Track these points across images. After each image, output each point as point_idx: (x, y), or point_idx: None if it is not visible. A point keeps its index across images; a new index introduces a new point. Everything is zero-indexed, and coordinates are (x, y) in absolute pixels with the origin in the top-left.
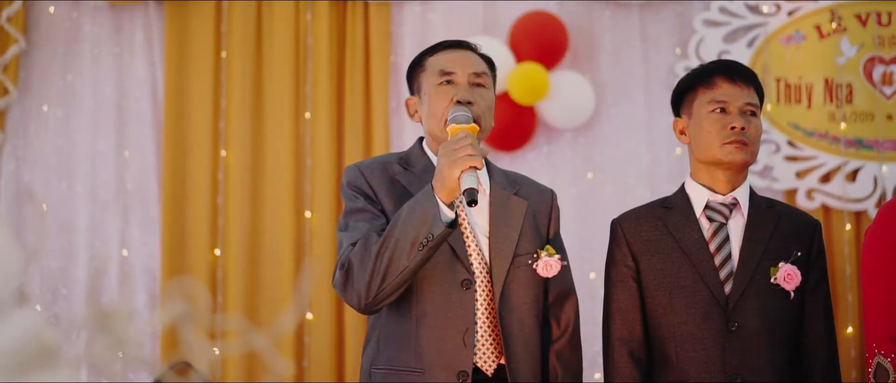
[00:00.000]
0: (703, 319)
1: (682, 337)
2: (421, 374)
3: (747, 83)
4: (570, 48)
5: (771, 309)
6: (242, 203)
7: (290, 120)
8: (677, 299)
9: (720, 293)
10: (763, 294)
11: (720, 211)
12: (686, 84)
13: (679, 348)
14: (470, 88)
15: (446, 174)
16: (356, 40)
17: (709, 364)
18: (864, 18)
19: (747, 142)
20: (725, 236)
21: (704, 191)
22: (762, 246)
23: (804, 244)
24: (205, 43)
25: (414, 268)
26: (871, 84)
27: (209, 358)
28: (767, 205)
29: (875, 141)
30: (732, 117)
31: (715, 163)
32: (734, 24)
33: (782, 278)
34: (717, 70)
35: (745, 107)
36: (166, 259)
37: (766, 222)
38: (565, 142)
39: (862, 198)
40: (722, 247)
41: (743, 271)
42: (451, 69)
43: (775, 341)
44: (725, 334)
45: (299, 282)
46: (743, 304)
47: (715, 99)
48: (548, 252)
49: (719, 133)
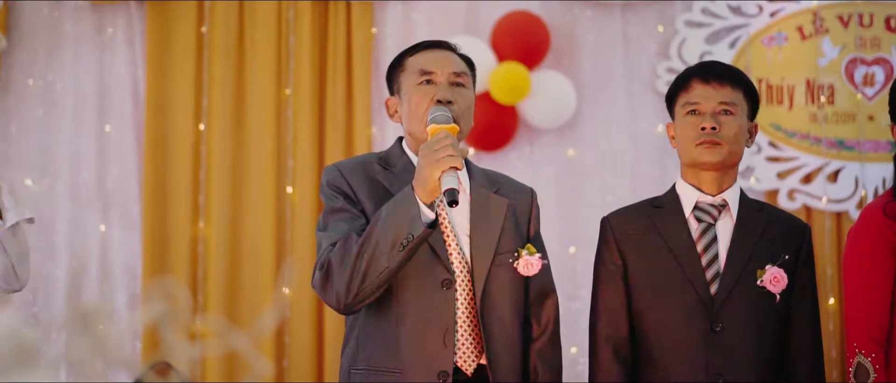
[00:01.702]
0: (688, 319)
1: (667, 336)
2: (401, 374)
3: (722, 82)
4: (552, 48)
5: (756, 311)
6: (224, 203)
7: (271, 119)
8: (663, 298)
9: (706, 294)
10: (749, 296)
11: (709, 211)
12: (671, 90)
13: (663, 347)
14: (450, 88)
15: (427, 175)
16: (338, 40)
17: (692, 364)
18: (845, 20)
19: (719, 142)
20: (713, 237)
21: (694, 191)
22: (750, 248)
23: (793, 247)
24: (186, 42)
25: (394, 269)
26: (852, 85)
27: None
28: (757, 207)
29: (856, 142)
30: (703, 118)
31: (693, 164)
32: (716, 25)
33: (768, 281)
34: (692, 73)
35: (719, 107)
36: (147, 258)
37: (754, 224)
38: (547, 142)
39: (843, 198)
40: (709, 248)
41: (729, 272)
42: (431, 69)
43: (760, 343)
44: (709, 335)
45: (280, 282)
46: (728, 305)
47: (688, 101)
48: (528, 251)
49: (691, 134)
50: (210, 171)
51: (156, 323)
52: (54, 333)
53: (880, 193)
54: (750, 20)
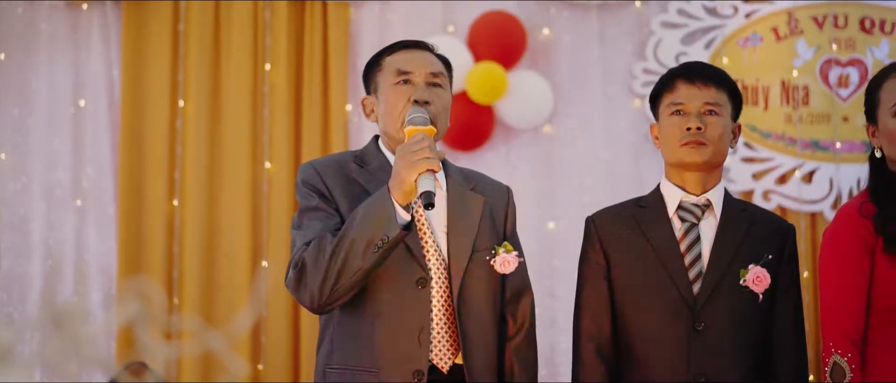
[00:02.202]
0: (670, 319)
1: (649, 335)
2: (376, 374)
3: (708, 83)
4: (529, 48)
5: (738, 310)
6: (199, 202)
7: (247, 119)
8: (645, 298)
9: (688, 293)
10: (731, 295)
11: (692, 211)
12: (655, 90)
13: (645, 347)
14: (427, 88)
15: (403, 176)
16: (314, 40)
17: (673, 363)
18: (820, 21)
19: (705, 142)
20: (696, 236)
21: (678, 191)
22: (733, 247)
23: (776, 247)
24: (162, 42)
25: (368, 269)
26: (827, 86)
27: (165, 357)
28: (741, 207)
29: (831, 143)
30: (688, 118)
31: (678, 164)
32: (692, 25)
33: (751, 280)
34: (677, 73)
35: (704, 107)
36: (122, 258)
37: (738, 224)
38: (523, 142)
39: (818, 199)
40: (692, 248)
41: (712, 272)
42: (409, 69)
43: (741, 342)
44: (691, 334)
45: (256, 282)
46: (710, 305)
47: (673, 101)
48: (505, 248)
49: (677, 134)
50: (185, 171)
51: (131, 323)
52: (29, 333)
53: (855, 194)
54: (725, 21)
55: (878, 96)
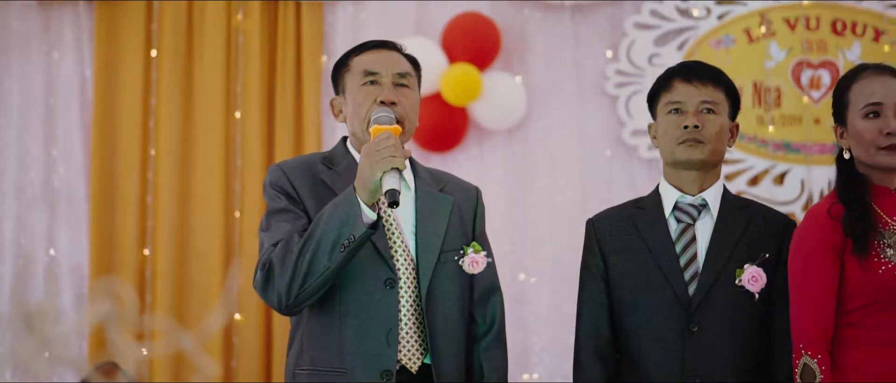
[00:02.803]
0: (665, 319)
1: (645, 336)
2: (345, 374)
3: (704, 82)
4: (502, 49)
5: (734, 310)
6: (172, 203)
7: (220, 119)
8: (642, 299)
9: (684, 294)
10: (727, 295)
11: (688, 211)
12: (652, 91)
13: (641, 348)
14: (394, 89)
15: (368, 175)
16: (288, 40)
17: (668, 364)
18: (792, 23)
19: (702, 139)
20: (692, 237)
21: (674, 191)
22: (729, 247)
23: (775, 245)
24: (135, 41)
25: (335, 269)
26: (799, 88)
27: (136, 358)
28: (740, 205)
29: (803, 144)
30: (686, 116)
31: (676, 163)
32: (665, 27)
33: (747, 280)
34: (674, 72)
35: (701, 105)
36: (94, 258)
37: (736, 223)
38: (497, 143)
39: (789, 201)
40: (688, 248)
41: (708, 272)
42: (376, 69)
43: (737, 343)
44: (686, 334)
45: (228, 282)
46: (705, 305)
47: (671, 100)
48: (474, 248)
49: (674, 133)
50: (158, 170)
51: (102, 323)
52: (0, 332)
53: (825, 196)
54: (698, 22)
55: (846, 98)
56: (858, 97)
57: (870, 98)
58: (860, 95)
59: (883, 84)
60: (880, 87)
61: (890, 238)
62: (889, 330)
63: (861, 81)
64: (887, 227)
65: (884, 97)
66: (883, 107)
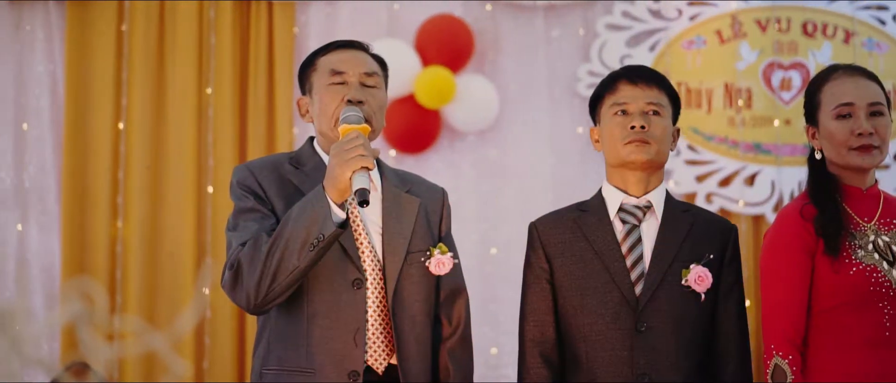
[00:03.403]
0: (613, 320)
1: (593, 337)
2: (312, 374)
3: (650, 84)
4: (475, 51)
5: (681, 310)
6: (143, 202)
7: (192, 118)
8: (588, 300)
9: (631, 294)
10: (673, 295)
11: (633, 213)
12: (596, 93)
13: (589, 349)
14: (361, 88)
15: (337, 174)
16: (260, 40)
17: (617, 364)
18: (763, 24)
19: (649, 140)
20: (638, 238)
21: (618, 193)
22: (675, 248)
23: (718, 247)
24: (106, 41)
25: (304, 269)
26: (769, 89)
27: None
28: (683, 208)
29: (773, 145)
30: (632, 117)
31: (622, 164)
32: (636, 28)
33: (693, 280)
34: (619, 75)
35: (647, 107)
36: (66, 258)
37: (680, 225)
38: (469, 145)
39: (760, 202)
40: (634, 249)
41: (654, 273)
42: (342, 69)
43: (684, 342)
44: (634, 335)
45: (199, 282)
46: (652, 305)
47: (617, 102)
48: (440, 249)
49: (621, 134)
50: (129, 171)
51: (73, 323)
52: None
53: (796, 197)
54: (669, 24)
55: (818, 99)
56: (830, 98)
57: (841, 98)
58: (832, 96)
59: (855, 84)
60: (852, 88)
61: (861, 239)
62: (859, 331)
63: (833, 82)
64: (858, 228)
65: (855, 98)
66: (855, 108)
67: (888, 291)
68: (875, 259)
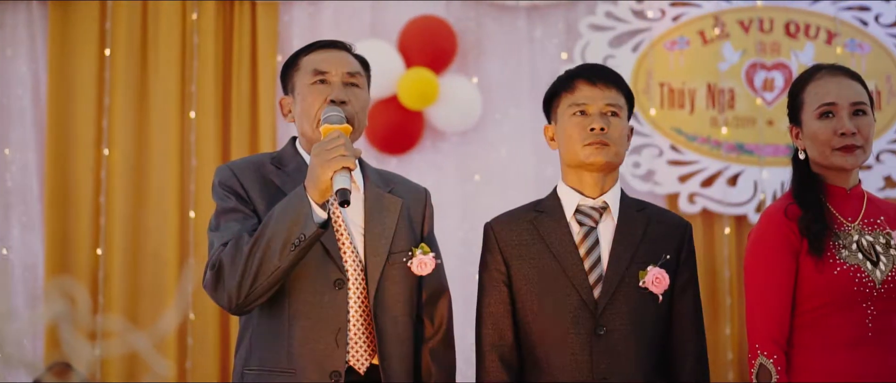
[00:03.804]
0: (572, 323)
1: (552, 340)
2: (293, 375)
3: (608, 85)
4: (459, 52)
5: (639, 312)
6: (126, 202)
7: (175, 119)
8: (547, 303)
9: (589, 297)
10: (631, 297)
11: (590, 214)
12: (552, 91)
13: (548, 351)
14: (344, 88)
15: (319, 174)
16: (243, 40)
17: (577, 367)
18: (746, 25)
19: (608, 142)
20: (595, 240)
21: (575, 194)
22: (632, 249)
23: (674, 246)
24: (89, 40)
25: (286, 269)
26: (752, 90)
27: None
28: (638, 207)
29: (756, 146)
30: (592, 118)
31: (579, 165)
32: (619, 28)
33: (650, 281)
34: (577, 74)
35: (606, 108)
36: (49, 258)
37: (636, 225)
38: (452, 145)
39: (742, 202)
40: (591, 251)
41: (612, 275)
42: (325, 69)
43: (643, 344)
44: (593, 337)
45: (182, 282)
46: (611, 308)
47: (575, 102)
48: (422, 250)
49: (580, 135)
50: (112, 170)
51: (56, 323)
52: None
53: (779, 197)
54: (652, 24)
55: (801, 98)
56: (813, 97)
57: (824, 98)
58: (815, 96)
59: (837, 84)
60: (835, 88)
61: (845, 239)
62: (844, 331)
63: (816, 82)
64: (842, 228)
65: (838, 97)
66: (837, 108)
67: (872, 291)
68: (859, 259)
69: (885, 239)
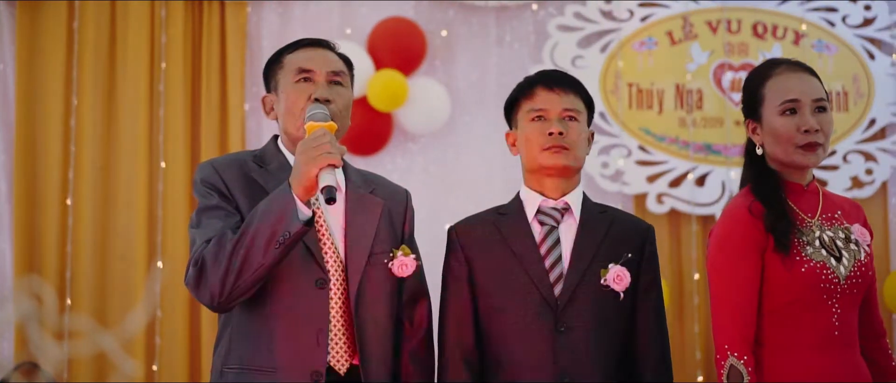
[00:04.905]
0: (534, 321)
1: (514, 338)
2: (273, 374)
3: (566, 90)
4: (428, 54)
5: (600, 310)
6: (93, 202)
7: (143, 118)
8: (509, 302)
9: (550, 295)
10: (593, 295)
11: (551, 215)
12: (511, 98)
13: (511, 350)
14: (328, 87)
15: (304, 171)
16: (212, 39)
17: (538, 364)
18: (714, 25)
19: (567, 146)
20: (556, 239)
21: (537, 196)
22: (593, 249)
23: (636, 247)
24: (57, 39)
25: (269, 266)
26: (720, 90)
27: (57, 358)
28: (600, 210)
29: (723, 146)
30: (550, 123)
31: (539, 169)
32: (588, 29)
33: (612, 279)
34: (536, 80)
35: (564, 113)
36: (17, 257)
37: (598, 226)
38: (421, 147)
39: (710, 202)
40: (552, 250)
41: (573, 273)
42: (310, 67)
43: (605, 341)
44: (555, 335)
45: (150, 282)
46: (572, 306)
47: (533, 108)
48: (404, 251)
49: (539, 140)
50: (80, 170)
51: (23, 323)
52: None
53: (738, 193)
54: (621, 25)
55: (761, 93)
56: (775, 93)
57: (787, 95)
58: (777, 92)
59: (799, 80)
60: (797, 84)
61: (808, 235)
62: (812, 330)
63: (777, 77)
64: (804, 224)
65: (801, 94)
66: (800, 105)
67: (836, 287)
68: (823, 255)
69: (844, 233)
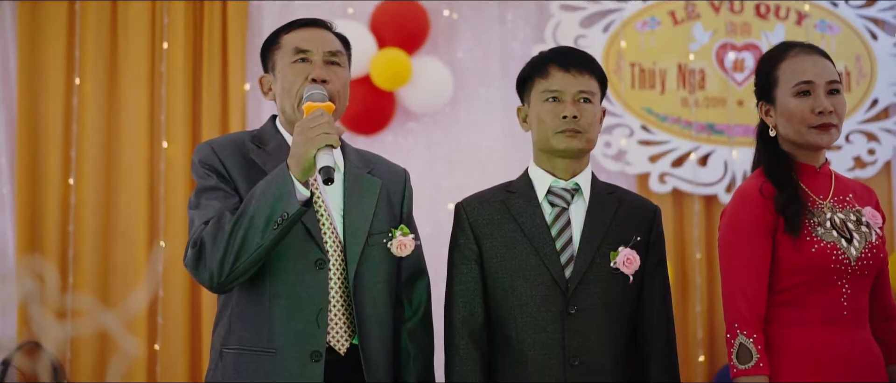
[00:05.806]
0: (543, 302)
1: (523, 319)
2: (273, 354)
3: (581, 70)
4: (431, 33)
5: (610, 292)
6: (95, 182)
7: (145, 98)
8: (518, 282)
9: (560, 276)
10: (602, 278)
11: (562, 195)
12: (525, 73)
13: (519, 330)
14: (325, 67)
15: (302, 152)
16: (213, 18)
17: (548, 345)
18: (717, 6)
19: (580, 129)
20: (567, 221)
21: (547, 176)
22: (602, 230)
23: (643, 229)
24: (58, 19)
25: (268, 247)
26: (722, 70)
27: (59, 337)
28: (609, 190)
29: (726, 126)
30: (565, 106)
31: (551, 151)
32: (590, 8)
33: (621, 262)
34: (551, 59)
35: (579, 95)
36: (20, 237)
37: (607, 207)
38: (423, 126)
39: (712, 182)
40: (563, 232)
41: (583, 255)
42: (307, 47)
43: (614, 324)
44: (565, 317)
45: (152, 262)
46: (582, 288)
47: (548, 88)
48: (402, 231)
49: (553, 122)
50: (82, 150)
51: (26, 302)
52: None
53: (749, 175)
54: (624, 4)
55: (775, 76)
56: (789, 75)
57: (801, 76)
58: (791, 73)
59: (813, 62)
60: (811, 66)
61: (819, 216)
62: (821, 308)
63: (791, 59)
64: (816, 206)
65: (815, 76)
66: (814, 86)
67: (847, 268)
68: (834, 236)
69: (855, 216)
